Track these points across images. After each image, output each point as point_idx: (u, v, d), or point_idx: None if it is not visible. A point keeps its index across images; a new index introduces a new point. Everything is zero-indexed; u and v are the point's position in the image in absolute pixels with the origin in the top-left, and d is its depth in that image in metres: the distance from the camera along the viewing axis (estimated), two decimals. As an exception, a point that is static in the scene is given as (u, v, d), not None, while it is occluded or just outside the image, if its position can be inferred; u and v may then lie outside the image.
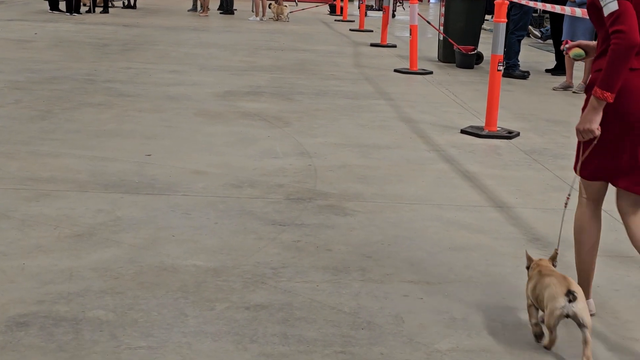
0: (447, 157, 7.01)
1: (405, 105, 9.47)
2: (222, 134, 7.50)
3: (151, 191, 5.62)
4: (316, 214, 5.30)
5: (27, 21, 17.07)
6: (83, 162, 6.26)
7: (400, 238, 4.94)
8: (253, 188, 5.81)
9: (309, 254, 4.59)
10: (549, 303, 3.50)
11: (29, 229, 4.75)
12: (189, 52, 13.44)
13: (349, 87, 10.61)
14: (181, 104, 8.84)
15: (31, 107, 8.23)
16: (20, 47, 12.96)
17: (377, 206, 5.55)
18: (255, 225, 5.01)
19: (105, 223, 4.92)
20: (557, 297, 3.47)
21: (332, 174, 6.29)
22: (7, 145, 6.64)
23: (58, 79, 10.00)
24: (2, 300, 3.78)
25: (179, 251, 4.52)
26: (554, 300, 3.48)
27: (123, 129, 7.49)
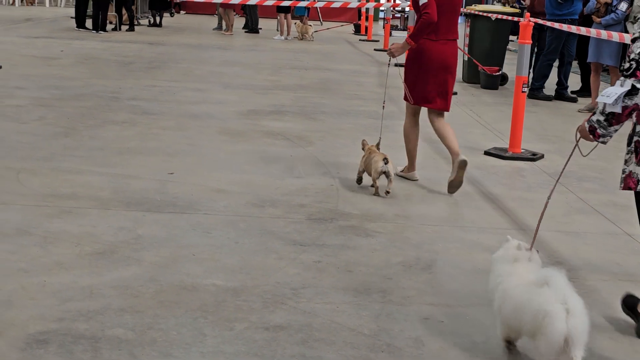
0: (470, 179, 6.96)
1: (428, 125, 9.40)
2: (244, 152, 7.51)
3: (173, 209, 5.62)
4: (337, 235, 5.27)
5: (54, 38, 17.22)
6: (105, 180, 6.28)
7: (422, 260, 4.91)
8: (274, 207, 5.80)
9: (329, 274, 4.56)
10: (374, 165, 6.20)
11: (50, 246, 4.75)
12: (213, 71, 13.49)
13: (373, 106, 10.59)
14: (204, 122, 8.86)
15: (55, 123, 8.28)
16: (46, 63, 13.06)
17: (399, 227, 5.52)
18: (276, 245, 4.99)
19: (126, 241, 4.92)
20: (378, 161, 6.18)
21: (355, 195, 6.27)
22: (30, 162, 6.67)
23: (83, 96, 10.06)
24: (22, 317, 3.78)
25: (199, 270, 4.51)
26: (376, 163, 6.19)
27: (146, 146, 7.51)
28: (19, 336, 3.60)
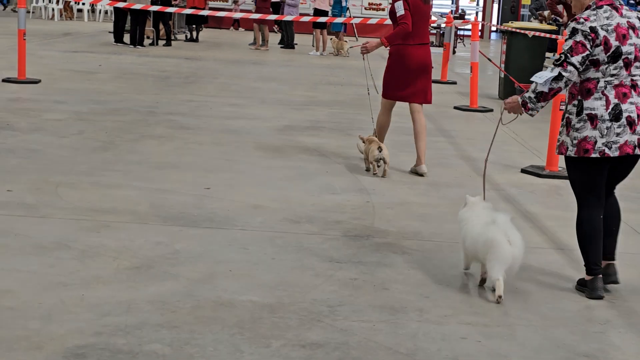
0: (507, 197, 6.93)
1: (465, 142, 9.41)
2: (280, 168, 7.53)
3: (209, 225, 5.64)
4: (374, 252, 5.26)
5: (92, 53, 17.41)
6: (143, 194, 6.32)
7: (459, 278, 4.88)
8: (311, 224, 5.81)
9: (366, 292, 4.55)
10: (371, 152, 7.38)
11: (89, 260, 4.79)
12: (249, 86, 13.56)
13: (409, 123, 10.55)
14: (241, 137, 8.90)
15: (94, 138, 8.36)
16: (85, 78, 13.20)
17: (436, 245, 5.50)
18: (313, 262, 4.99)
19: (163, 256, 4.95)
20: (374, 150, 7.35)
21: (391, 212, 6.26)
22: (69, 176, 6.74)
23: (121, 110, 10.16)
24: (60, 331, 3.81)
25: (235, 286, 4.52)
26: (374, 150, 7.37)
27: (183, 161, 7.56)
28: (58, 350, 3.62)
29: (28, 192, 6.18)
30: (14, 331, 3.79)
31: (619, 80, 4.59)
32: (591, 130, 4.59)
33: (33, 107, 10.04)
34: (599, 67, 4.57)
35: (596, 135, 4.58)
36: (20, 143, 7.86)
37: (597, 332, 4.24)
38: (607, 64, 4.56)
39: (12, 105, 10.11)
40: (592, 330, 4.26)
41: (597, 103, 4.58)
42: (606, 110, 4.58)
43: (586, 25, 4.56)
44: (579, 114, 4.64)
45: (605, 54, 4.54)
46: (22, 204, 5.86)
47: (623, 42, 4.56)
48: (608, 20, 4.58)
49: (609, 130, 4.57)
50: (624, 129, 4.58)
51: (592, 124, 4.59)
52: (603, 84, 4.59)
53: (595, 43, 4.52)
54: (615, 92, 4.59)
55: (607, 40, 4.53)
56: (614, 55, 4.55)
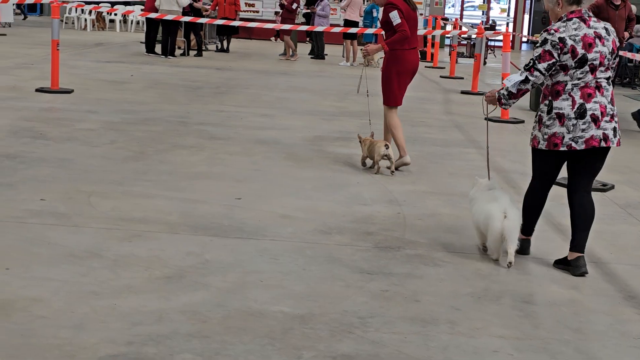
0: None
1: (496, 154, 9.35)
2: (311, 178, 7.53)
3: (240, 235, 5.65)
4: (404, 264, 5.24)
5: (124, 63, 17.53)
6: (174, 204, 6.35)
7: (490, 291, 4.85)
8: (341, 235, 5.80)
9: (396, 304, 4.54)
10: (377, 150, 7.73)
11: (120, 269, 4.81)
12: (279, 96, 13.59)
13: (439, 134, 10.56)
14: (271, 147, 8.92)
15: (125, 147, 8.41)
16: (117, 88, 13.30)
17: (467, 257, 5.47)
18: (343, 273, 4.98)
19: (194, 266, 4.96)
20: (381, 147, 7.71)
21: (422, 223, 6.24)
22: (101, 185, 6.78)
23: (152, 120, 10.21)
24: (92, 340, 3.82)
25: (266, 296, 4.52)
26: (379, 148, 7.72)
27: (214, 171, 7.59)
28: (90, 359, 3.64)
29: (60, 201, 6.22)
30: (46, 340, 3.81)
31: (584, 83, 5.17)
32: (559, 127, 5.20)
33: (66, 116, 10.12)
34: (568, 72, 5.16)
35: (564, 131, 5.19)
36: (53, 152, 7.93)
37: (630, 346, 4.19)
38: (575, 69, 5.15)
39: (45, 115, 10.20)
40: (626, 344, 4.21)
41: (564, 103, 5.18)
42: (572, 109, 5.17)
43: (555, 36, 5.16)
44: (549, 112, 5.25)
45: (573, 60, 5.13)
46: (55, 213, 5.91)
47: (589, 50, 5.14)
48: (576, 31, 5.16)
49: (574, 127, 5.17)
50: (589, 125, 5.16)
51: (560, 121, 5.19)
52: (570, 87, 5.18)
53: (563, 51, 5.13)
54: (581, 93, 5.17)
55: (574, 48, 5.12)
56: (581, 62, 5.13)
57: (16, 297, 4.30)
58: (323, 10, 21.94)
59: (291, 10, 21.59)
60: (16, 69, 15.04)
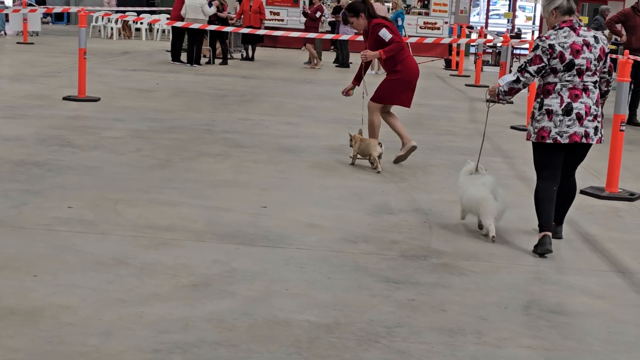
0: (566, 219, 6.81)
1: (522, 163, 9.31)
2: (336, 187, 7.53)
3: (266, 243, 5.66)
4: (431, 273, 5.22)
5: (150, 71, 17.62)
6: (200, 212, 6.36)
7: (517, 300, 4.82)
8: (367, 243, 5.78)
9: (423, 313, 4.52)
10: (372, 149, 8.30)
11: (147, 277, 4.83)
12: (304, 104, 13.60)
13: (464, 142, 10.52)
14: (296, 156, 8.92)
15: (151, 155, 8.44)
16: (143, 96, 13.37)
17: (494, 266, 5.44)
18: (369, 282, 4.97)
19: (220, 274, 4.97)
20: (375, 145, 8.30)
21: (448, 232, 6.21)
22: (128, 193, 6.81)
23: (178, 128, 10.25)
24: (119, 348, 3.83)
25: (292, 305, 4.52)
26: (375, 147, 8.31)
27: (239, 179, 7.60)
28: (117, 366, 3.65)
29: (88, 208, 6.26)
30: (74, 347, 3.82)
31: (572, 85, 5.81)
32: (547, 122, 5.84)
33: (92, 124, 10.19)
34: (557, 74, 5.81)
35: (551, 126, 5.82)
36: (80, 160, 7.98)
37: (660, 358, 4.15)
38: (563, 72, 5.79)
39: (72, 123, 10.27)
40: (656, 356, 4.17)
41: (554, 101, 5.83)
42: (560, 107, 5.80)
43: (546, 42, 5.83)
44: (540, 109, 5.89)
45: (561, 64, 5.78)
46: (82, 220, 5.94)
47: (576, 56, 5.77)
48: (565, 39, 5.79)
49: (561, 123, 5.80)
50: (574, 122, 5.80)
51: (548, 117, 5.84)
52: (559, 87, 5.82)
53: (552, 56, 5.78)
54: (569, 93, 5.80)
55: (563, 54, 5.77)
56: (569, 66, 5.78)
57: (44, 304, 4.33)
58: (348, 18, 21.95)
59: (315, 19, 21.61)
60: (44, 78, 15.16)
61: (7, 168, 7.44)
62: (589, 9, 35.67)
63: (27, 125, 9.75)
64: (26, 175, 7.23)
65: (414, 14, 29.21)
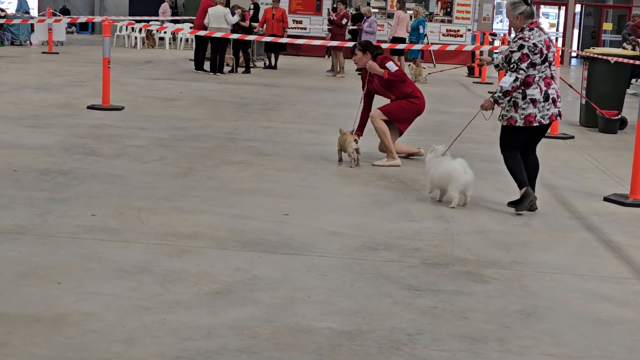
0: (589, 226, 6.80)
1: (546, 170, 9.27)
2: (358, 194, 7.53)
3: (288, 251, 5.67)
4: (453, 280, 5.22)
5: (173, 80, 17.73)
6: (223, 220, 6.39)
7: (541, 308, 4.80)
8: (389, 251, 5.79)
9: (445, 321, 4.51)
10: (348, 145, 8.72)
11: (170, 285, 4.86)
12: (327, 112, 13.63)
13: (487, 150, 10.49)
14: (319, 164, 8.94)
15: (175, 163, 8.49)
16: (166, 105, 13.45)
17: (516, 274, 5.42)
18: (391, 289, 4.97)
19: (243, 281, 4.99)
20: (351, 141, 8.68)
21: (470, 239, 6.21)
22: (151, 201, 6.86)
23: (201, 136, 10.31)
24: (143, 355, 3.86)
25: (314, 312, 4.53)
26: (350, 143, 8.70)
27: (262, 187, 7.63)
28: (140, 373, 3.67)
29: (111, 216, 6.30)
30: (98, 354, 3.85)
31: (545, 75, 6.91)
32: (533, 109, 6.91)
33: (116, 133, 10.26)
34: (536, 67, 6.85)
35: (536, 112, 6.92)
36: (104, 169, 8.04)
37: (684, 366, 4.12)
38: (540, 65, 6.85)
39: (97, 132, 10.35)
40: (680, 364, 4.14)
41: (535, 91, 6.89)
42: (541, 95, 6.90)
43: (530, 42, 6.82)
44: (524, 98, 6.91)
45: (540, 59, 6.84)
46: (106, 228, 5.99)
47: (548, 50, 6.89)
48: (539, 37, 6.86)
49: (543, 108, 6.92)
50: (550, 105, 6.94)
51: (533, 105, 6.90)
52: (537, 78, 6.88)
53: (534, 52, 6.80)
54: (544, 82, 6.91)
55: (542, 50, 6.84)
56: (543, 59, 6.86)
57: (68, 311, 4.36)
58: (370, 26, 21.98)
59: (341, 25, 21.64)
60: (68, 87, 15.29)
61: (32, 176, 7.51)
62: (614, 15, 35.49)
63: (52, 134, 9.84)
64: (51, 183, 7.30)
65: (437, 21, 29.22)
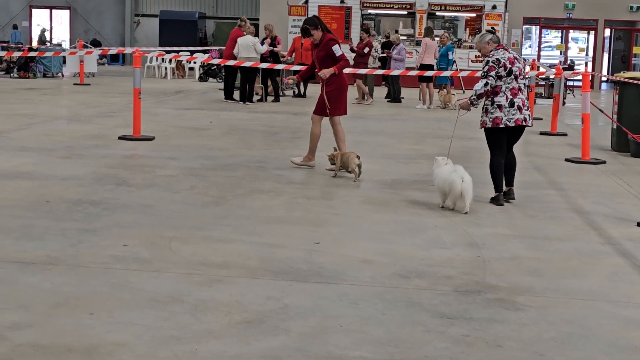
0: (622, 251, 6.73)
1: (577, 195, 9.22)
2: (389, 222, 7.51)
3: (319, 279, 5.66)
4: (485, 308, 5.18)
5: (203, 110, 17.84)
6: (253, 248, 6.40)
7: (575, 336, 4.75)
8: (420, 279, 5.76)
9: (478, 349, 4.47)
10: (351, 162, 9.53)
11: (201, 314, 4.86)
12: (356, 140, 13.61)
13: (518, 176, 10.40)
14: (349, 191, 8.94)
15: (205, 193, 8.53)
16: (196, 134, 13.52)
17: (550, 301, 5.37)
18: (423, 317, 4.94)
19: (274, 310, 4.98)
20: (354, 159, 9.53)
21: (502, 266, 6.16)
22: (182, 230, 6.88)
23: (231, 165, 10.35)
24: (174, 385, 3.85)
25: (346, 341, 4.51)
26: (354, 160, 9.53)
27: (292, 216, 7.63)
28: (172, 403, 3.67)
29: (143, 246, 6.33)
30: (130, 384, 3.86)
31: (512, 86, 8.35)
32: (499, 113, 8.33)
33: (147, 163, 10.33)
34: (502, 79, 8.32)
35: (502, 115, 8.32)
36: (135, 199, 8.09)
37: None
38: (506, 77, 8.32)
39: (128, 162, 10.43)
40: None
41: (501, 99, 8.34)
42: (506, 101, 8.32)
43: (493, 57, 8.35)
44: (492, 104, 8.34)
45: (505, 72, 8.30)
46: (137, 258, 6.01)
47: (513, 65, 8.34)
48: (503, 55, 8.36)
49: (508, 112, 8.33)
50: (516, 111, 8.34)
51: (500, 110, 8.33)
52: (504, 88, 8.33)
53: (499, 66, 8.30)
54: (510, 92, 8.35)
55: (505, 64, 8.31)
56: (508, 73, 8.32)
57: (100, 341, 4.38)
58: (399, 54, 22.02)
59: (363, 54, 21.69)
60: (100, 118, 15.44)
61: (64, 207, 7.57)
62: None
63: (84, 165, 9.93)
64: (83, 214, 7.35)
65: (465, 47, 29.22)
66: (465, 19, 30.28)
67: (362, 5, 29.65)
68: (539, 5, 31.77)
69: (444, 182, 8.00)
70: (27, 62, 25.91)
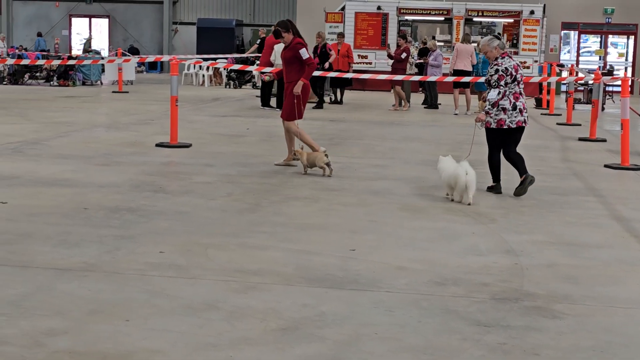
0: (663, 259, 6.63)
1: (617, 202, 9.10)
2: (425, 229, 7.47)
3: (355, 286, 5.64)
4: (523, 316, 5.12)
5: (240, 117, 17.90)
6: (289, 255, 6.39)
7: (614, 344, 4.68)
8: (457, 286, 5.71)
9: (515, 357, 4.42)
10: (319, 160, 10.19)
11: (236, 321, 4.86)
12: (392, 147, 13.60)
13: (556, 182, 10.35)
14: (385, 198, 8.91)
15: (241, 200, 8.54)
16: (233, 141, 13.57)
17: (588, 309, 5.30)
18: (460, 325, 4.90)
19: (309, 317, 4.96)
20: (321, 157, 10.19)
21: (540, 274, 6.09)
22: (218, 237, 6.90)
23: (267, 172, 10.36)
24: (209, 392, 3.85)
25: (382, 349, 4.48)
26: (321, 158, 10.19)
27: (328, 222, 7.62)
28: (207, 411, 3.67)
29: (179, 253, 6.35)
30: (165, 391, 3.86)
31: (514, 91, 9.08)
32: (503, 115, 9.06)
33: (184, 170, 10.38)
34: (507, 85, 9.04)
35: (506, 118, 9.06)
36: (171, 206, 8.12)
37: None
38: (510, 83, 9.05)
39: (165, 169, 10.49)
40: None
41: (505, 102, 9.07)
42: (509, 105, 9.05)
43: (502, 66, 9.06)
44: (495, 107, 9.06)
45: (510, 79, 9.06)
46: (173, 265, 6.03)
47: (517, 72, 9.09)
48: (509, 63, 9.08)
49: (511, 115, 9.07)
50: (518, 113, 9.08)
51: (504, 112, 9.06)
52: (507, 93, 9.04)
53: (507, 74, 9.04)
54: (513, 96, 9.07)
55: (511, 72, 9.05)
56: (513, 79, 9.06)
57: (136, 348, 4.39)
58: (435, 60, 21.96)
59: (400, 60, 21.65)
60: (137, 125, 15.55)
61: (102, 214, 7.63)
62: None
63: (121, 172, 10.00)
64: (120, 221, 7.40)
65: (503, 53, 29.02)
66: (502, 25, 30.09)
67: (398, 11, 29.59)
68: (577, 10, 31.52)
69: (450, 176, 8.66)
70: (67, 70, 26.21)
